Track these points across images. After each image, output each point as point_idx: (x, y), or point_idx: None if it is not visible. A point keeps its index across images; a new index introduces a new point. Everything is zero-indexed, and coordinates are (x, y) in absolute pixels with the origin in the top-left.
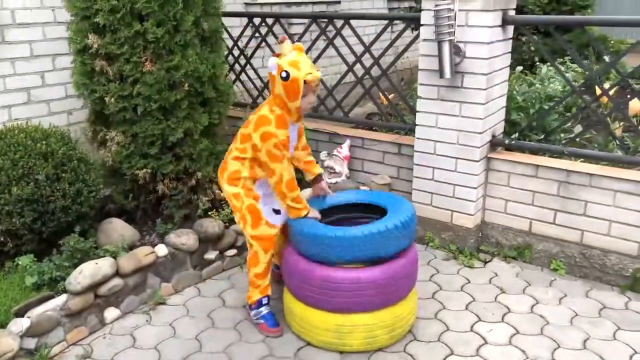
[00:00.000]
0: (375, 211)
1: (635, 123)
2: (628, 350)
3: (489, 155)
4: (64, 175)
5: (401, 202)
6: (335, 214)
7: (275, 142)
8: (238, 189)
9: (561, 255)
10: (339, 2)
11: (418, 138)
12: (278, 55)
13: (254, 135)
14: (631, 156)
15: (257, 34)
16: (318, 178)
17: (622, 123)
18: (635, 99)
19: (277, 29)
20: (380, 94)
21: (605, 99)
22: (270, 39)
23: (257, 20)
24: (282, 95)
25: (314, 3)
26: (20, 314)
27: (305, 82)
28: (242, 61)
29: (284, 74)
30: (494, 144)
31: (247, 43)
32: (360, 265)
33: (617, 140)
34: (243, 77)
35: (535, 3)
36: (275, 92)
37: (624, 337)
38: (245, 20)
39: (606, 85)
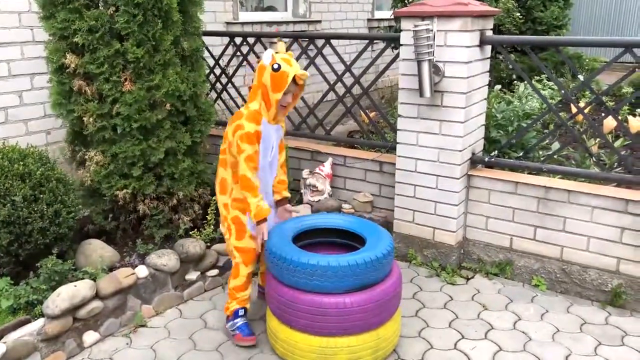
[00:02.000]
0: (350, 235)
1: (611, 140)
2: None
3: (469, 173)
4: (41, 196)
5: (378, 230)
6: (311, 237)
7: (241, 134)
8: (227, 198)
9: (542, 271)
10: (320, 22)
11: (399, 156)
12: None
13: (229, 129)
14: (607, 172)
15: (238, 53)
16: (284, 200)
17: (597, 140)
18: (610, 117)
19: (258, 48)
20: (362, 112)
21: (580, 117)
22: (252, 58)
23: (238, 40)
24: (267, 84)
25: (295, 22)
26: None
27: (293, 78)
28: (224, 80)
29: (275, 66)
30: (474, 162)
31: (229, 62)
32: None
33: (593, 157)
34: (224, 95)
35: (512, 22)
36: (262, 80)
37: (604, 352)
38: (226, 39)
39: (582, 103)
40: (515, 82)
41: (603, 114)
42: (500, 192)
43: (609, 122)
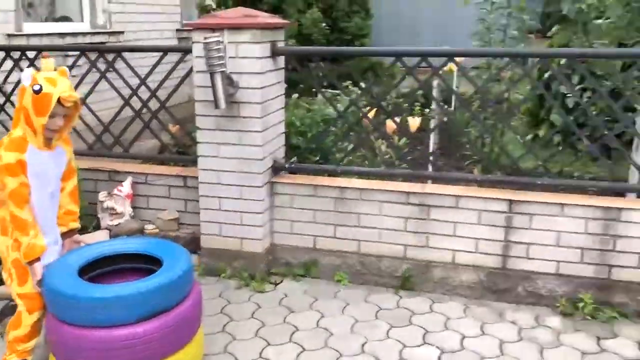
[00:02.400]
0: (146, 258)
1: (397, 140)
2: (398, 346)
3: (272, 180)
4: None
5: (175, 250)
6: (106, 266)
7: (0, 166)
8: (7, 238)
9: (344, 267)
10: (123, 33)
11: (201, 169)
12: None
13: None
14: (391, 169)
15: (17, 69)
16: (72, 232)
17: (383, 140)
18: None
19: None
20: (164, 127)
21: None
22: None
23: (16, 54)
24: (29, 108)
25: (93, 34)
26: None
27: (59, 100)
28: (1, 99)
29: (36, 87)
30: (276, 169)
31: (5, 79)
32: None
33: (379, 156)
34: (3, 116)
35: (320, 32)
36: (23, 103)
37: (395, 334)
38: (2, 54)
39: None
40: (316, 90)
41: (383, 117)
42: (302, 196)
43: (391, 124)
